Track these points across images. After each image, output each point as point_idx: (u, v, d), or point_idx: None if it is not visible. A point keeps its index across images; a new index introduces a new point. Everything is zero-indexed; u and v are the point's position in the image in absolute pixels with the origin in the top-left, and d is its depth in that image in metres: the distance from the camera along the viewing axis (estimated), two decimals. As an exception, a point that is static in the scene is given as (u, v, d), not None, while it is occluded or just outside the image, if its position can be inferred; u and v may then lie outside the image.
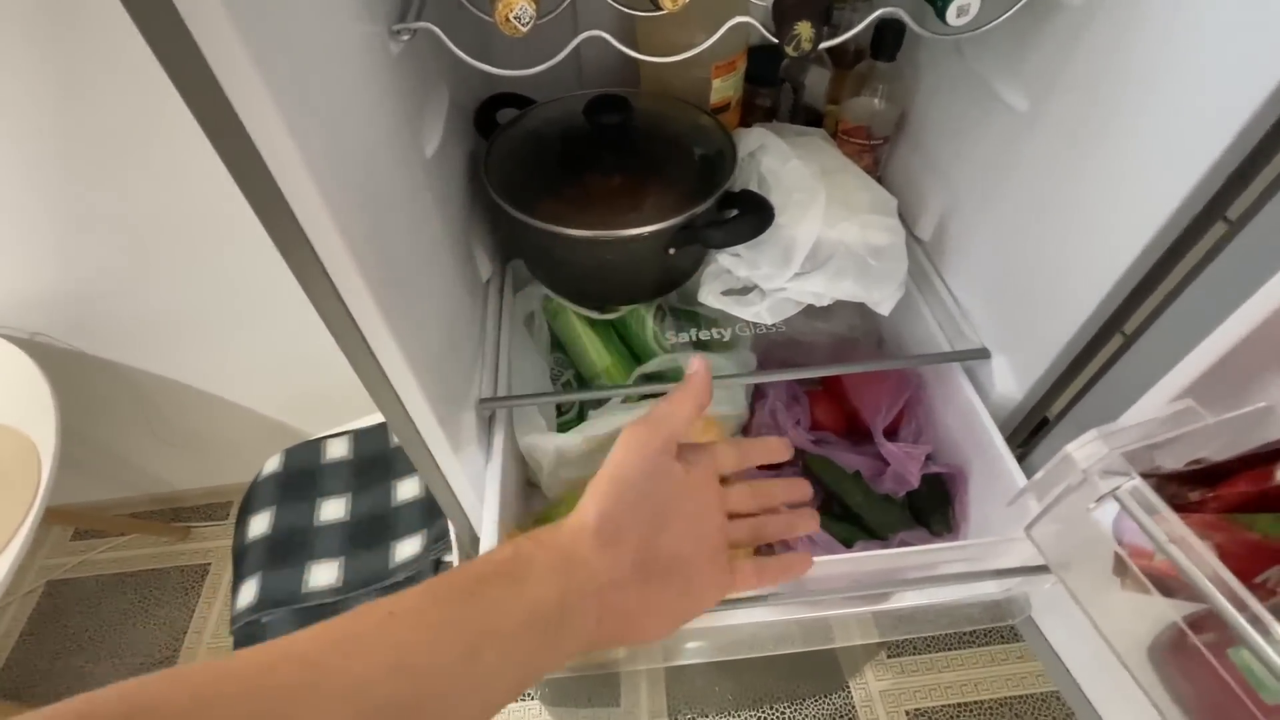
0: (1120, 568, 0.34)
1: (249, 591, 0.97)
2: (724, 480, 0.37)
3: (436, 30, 0.41)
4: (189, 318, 1.10)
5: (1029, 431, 0.56)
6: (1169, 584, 0.31)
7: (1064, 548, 0.38)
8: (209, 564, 1.44)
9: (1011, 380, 0.54)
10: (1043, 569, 0.44)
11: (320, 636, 0.23)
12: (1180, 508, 0.31)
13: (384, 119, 0.41)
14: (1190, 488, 0.33)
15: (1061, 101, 0.45)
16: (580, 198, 0.55)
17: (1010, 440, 0.54)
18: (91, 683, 1.19)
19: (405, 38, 0.41)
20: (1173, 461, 0.35)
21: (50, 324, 1.08)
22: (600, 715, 1.21)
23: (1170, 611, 0.31)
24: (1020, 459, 0.52)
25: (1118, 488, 0.31)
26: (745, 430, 0.62)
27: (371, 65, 0.39)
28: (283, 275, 0.36)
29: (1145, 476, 0.32)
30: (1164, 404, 0.36)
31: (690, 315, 0.67)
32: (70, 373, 1.06)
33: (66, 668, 1.28)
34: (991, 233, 0.55)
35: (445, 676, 0.24)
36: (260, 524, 1.05)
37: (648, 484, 0.32)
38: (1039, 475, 0.36)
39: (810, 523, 0.39)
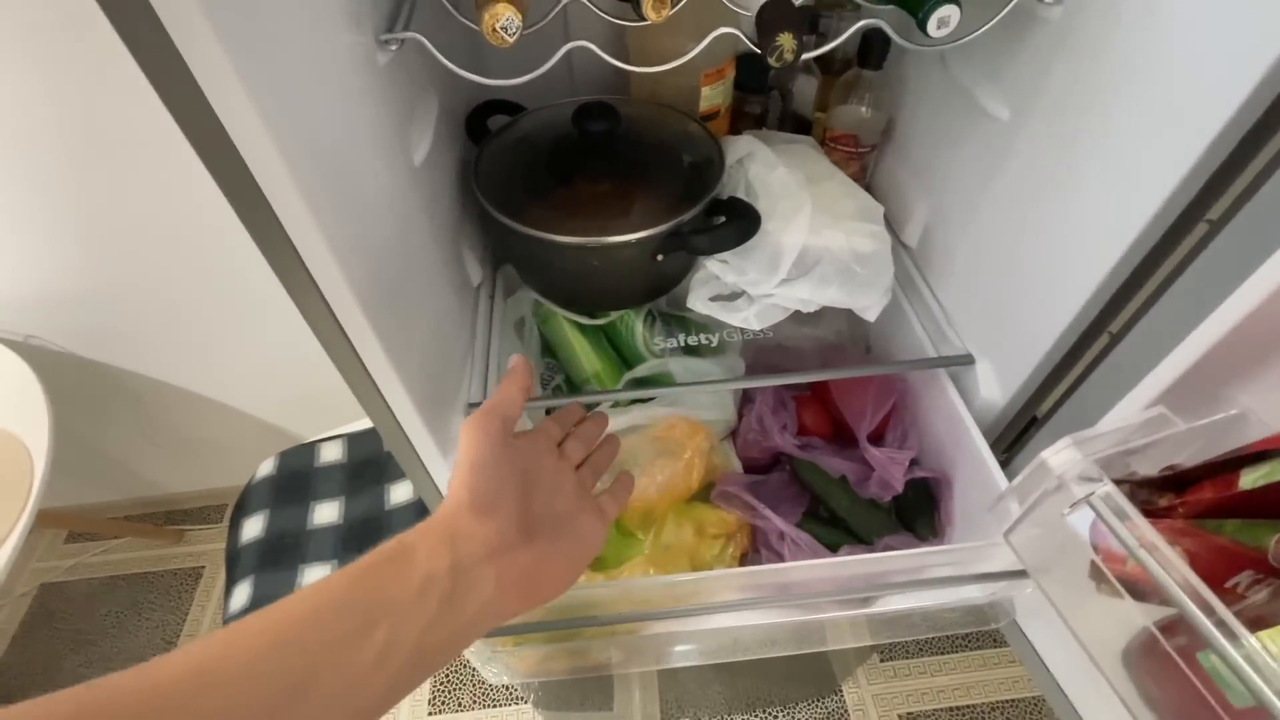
0: (1096, 573, 0.34)
1: (242, 594, 0.97)
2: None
3: (424, 40, 0.41)
4: (183, 321, 1.11)
5: (1015, 435, 0.56)
6: (1141, 589, 0.32)
7: (1042, 553, 0.39)
8: (203, 567, 1.43)
9: (995, 385, 0.55)
10: (1024, 574, 0.44)
11: (207, 641, 0.24)
12: (1151, 513, 0.31)
13: (371, 128, 0.42)
14: (1160, 494, 0.34)
15: (1042, 110, 0.45)
16: (569, 204, 0.56)
17: (994, 445, 0.54)
18: (83, 686, 1.18)
19: (393, 48, 0.42)
20: (1148, 467, 0.35)
21: (44, 326, 1.09)
22: (593, 719, 1.21)
23: (1142, 616, 0.31)
24: (1005, 463, 0.53)
25: (1091, 494, 0.31)
26: (733, 435, 0.63)
27: (358, 76, 0.40)
28: (271, 280, 0.37)
29: (1120, 482, 0.33)
30: (1138, 410, 0.37)
31: (679, 320, 0.67)
32: (64, 376, 1.06)
33: (60, 671, 1.28)
34: (976, 239, 0.55)
35: (339, 650, 0.25)
36: (254, 527, 1.05)
37: (502, 457, 0.34)
38: (1017, 480, 0.37)
39: (611, 445, 0.44)
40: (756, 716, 1.23)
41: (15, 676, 1.28)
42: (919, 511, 0.57)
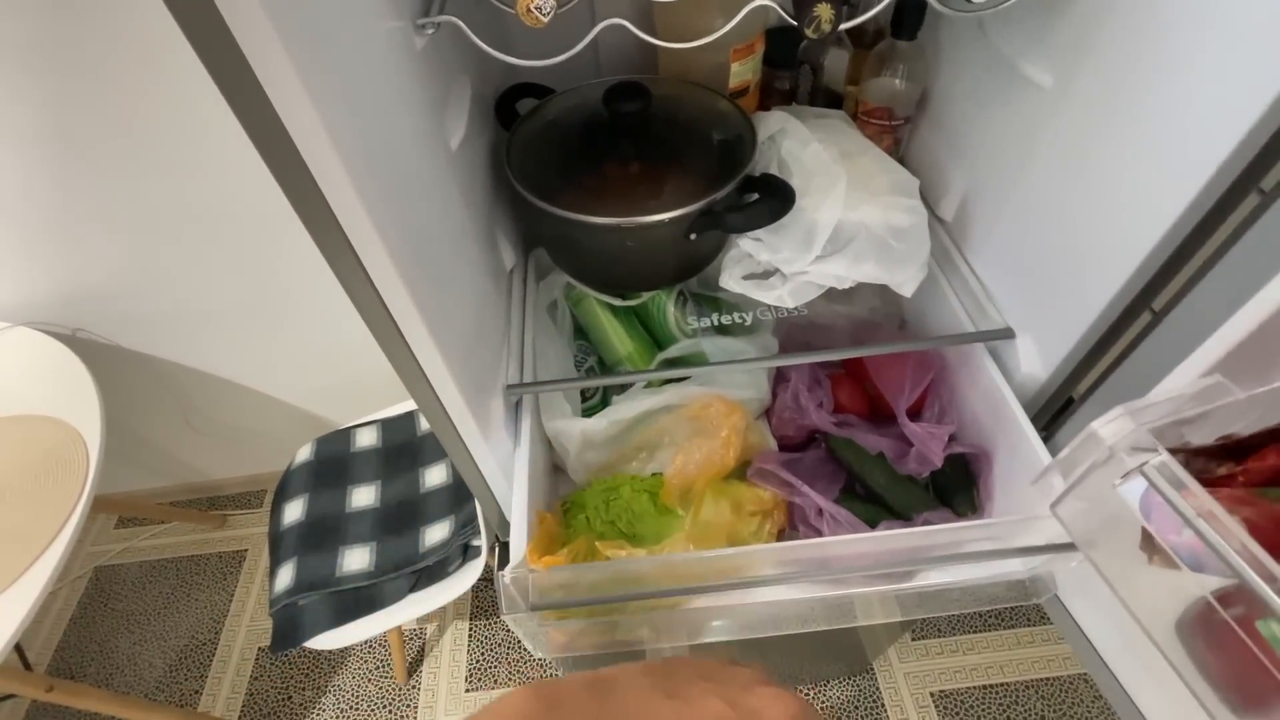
0: (1148, 544, 0.34)
1: (286, 575, 1.01)
2: None
3: (459, 23, 0.41)
4: (221, 313, 1.13)
5: (1055, 411, 0.55)
6: (1197, 558, 0.31)
7: (1090, 525, 0.38)
8: (245, 550, 1.48)
9: (1036, 359, 0.54)
10: (1069, 547, 0.44)
11: None
12: (1208, 482, 0.31)
13: (411, 113, 0.42)
14: (1218, 462, 0.33)
15: (1088, 76, 0.44)
16: (601, 185, 0.56)
17: (1035, 420, 0.54)
18: (140, 663, 1.24)
19: (429, 31, 0.42)
20: (1202, 437, 0.35)
21: (91, 320, 1.12)
22: (626, 696, 1.24)
23: (1198, 586, 0.31)
24: (1046, 439, 0.52)
25: (1144, 463, 0.31)
26: (768, 413, 0.63)
27: (398, 60, 0.40)
28: (311, 271, 0.38)
29: (1173, 452, 0.32)
30: (1193, 379, 0.36)
31: (711, 300, 0.67)
32: (110, 367, 1.10)
33: (116, 649, 1.34)
34: (1016, 211, 0.54)
35: None
36: (294, 510, 1.08)
37: None
38: (1064, 452, 0.36)
39: None
40: (787, 694, 1.24)
41: (74, 655, 1.34)
42: (958, 487, 0.57)
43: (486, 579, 1.35)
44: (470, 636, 1.34)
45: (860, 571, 0.45)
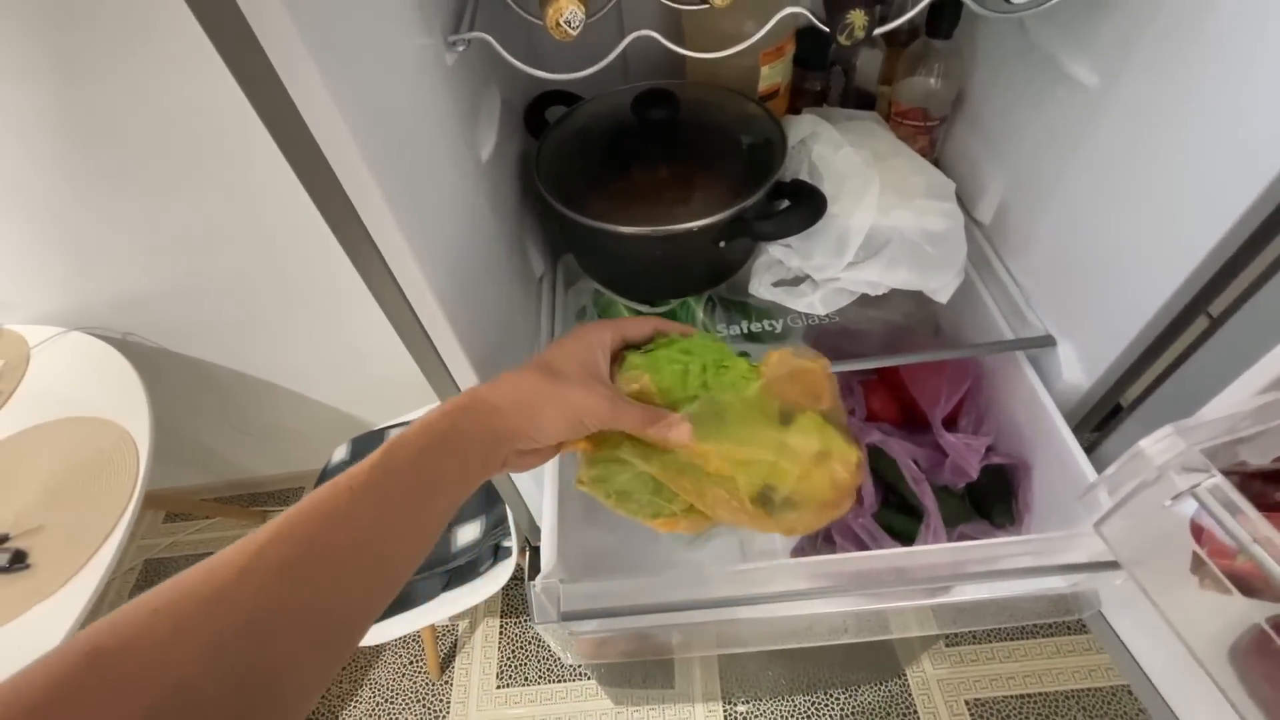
0: (1198, 566, 0.32)
1: (324, 573, 1.03)
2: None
3: (490, 39, 0.42)
4: (262, 318, 1.17)
5: (1099, 420, 0.54)
6: (1252, 584, 0.30)
7: (1137, 544, 0.37)
8: (285, 546, 1.53)
9: (1079, 368, 0.52)
10: (1113, 565, 0.43)
11: (301, 518, 0.28)
12: (1266, 506, 0.29)
13: (442, 127, 0.43)
14: (1277, 486, 0.31)
15: (1137, 74, 0.42)
16: (630, 193, 0.56)
17: (1077, 430, 0.52)
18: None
19: (460, 48, 0.42)
20: (1259, 458, 0.33)
21: (140, 324, 1.17)
22: (654, 696, 1.24)
23: (1253, 613, 0.30)
24: (1089, 449, 0.51)
25: (1197, 485, 0.30)
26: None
27: (429, 76, 0.41)
28: (347, 278, 0.38)
29: (1228, 474, 0.31)
30: (1251, 395, 0.34)
31: (740, 306, 0.67)
32: (158, 370, 1.14)
33: (164, 639, 1.40)
34: (1058, 214, 0.53)
35: (406, 525, 0.31)
36: (331, 510, 1.11)
37: (579, 432, 0.38)
38: (1110, 470, 0.35)
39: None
40: (817, 699, 1.23)
41: (127, 643, 1.40)
42: (995, 499, 0.55)
43: (517, 579, 1.37)
44: (501, 634, 1.36)
45: (897, 586, 0.44)
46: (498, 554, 1.04)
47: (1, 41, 0.78)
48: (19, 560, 0.83)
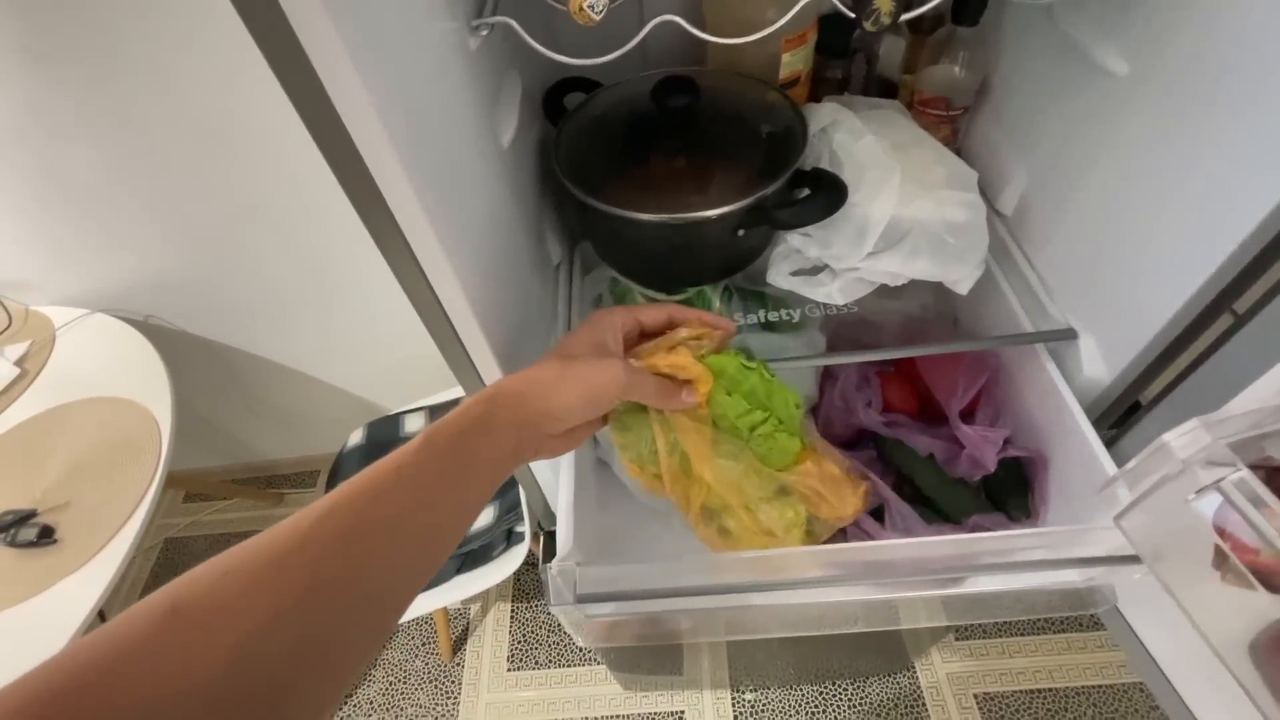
0: (1220, 561, 0.32)
1: (340, 554, 1.05)
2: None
3: (513, 23, 0.42)
4: (280, 303, 1.18)
5: (1118, 416, 0.53)
6: (1276, 580, 0.30)
7: (1157, 538, 0.37)
8: (301, 528, 1.56)
9: (1100, 362, 0.52)
10: (1131, 559, 0.42)
11: (352, 493, 0.31)
12: (1292, 502, 0.29)
13: (464, 111, 0.43)
14: (1304, 481, 0.31)
15: (1169, 63, 0.41)
16: (648, 180, 0.56)
17: (1097, 425, 0.51)
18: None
19: (484, 32, 0.42)
20: (1285, 452, 0.33)
21: (161, 307, 1.19)
22: (663, 682, 1.25)
23: (1276, 609, 0.30)
24: (1109, 444, 0.50)
25: (1221, 479, 0.30)
26: (814, 413, 0.62)
27: (452, 60, 0.41)
28: (362, 263, 0.39)
29: (1254, 468, 0.30)
30: (1276, 393, 0.34)
31: (757, 295, 0.67)
32: (177, 352, 1.16)
33: (184, 616, 1.43)
34: (1082, 206, 0.52)
35: (447, 502, 0.34)
36: (347, 493, 1.12)
37: (601, 408, 0.42)
38: (1131, 464, 0.35)
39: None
40: (825, 688, 1.24)
41: (148, 619, 1.44)
42: (1011, 492, 0.55)
43: (528, 564, 1.38)
44: (512, 618, 1.37)
45: (912, 576, 0.44)
46: (510, 539, 1.05)
47: (30, 25, 0.79)
48: (46, 535, 0.85)
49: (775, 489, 0.48)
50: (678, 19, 0.41)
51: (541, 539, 0.65)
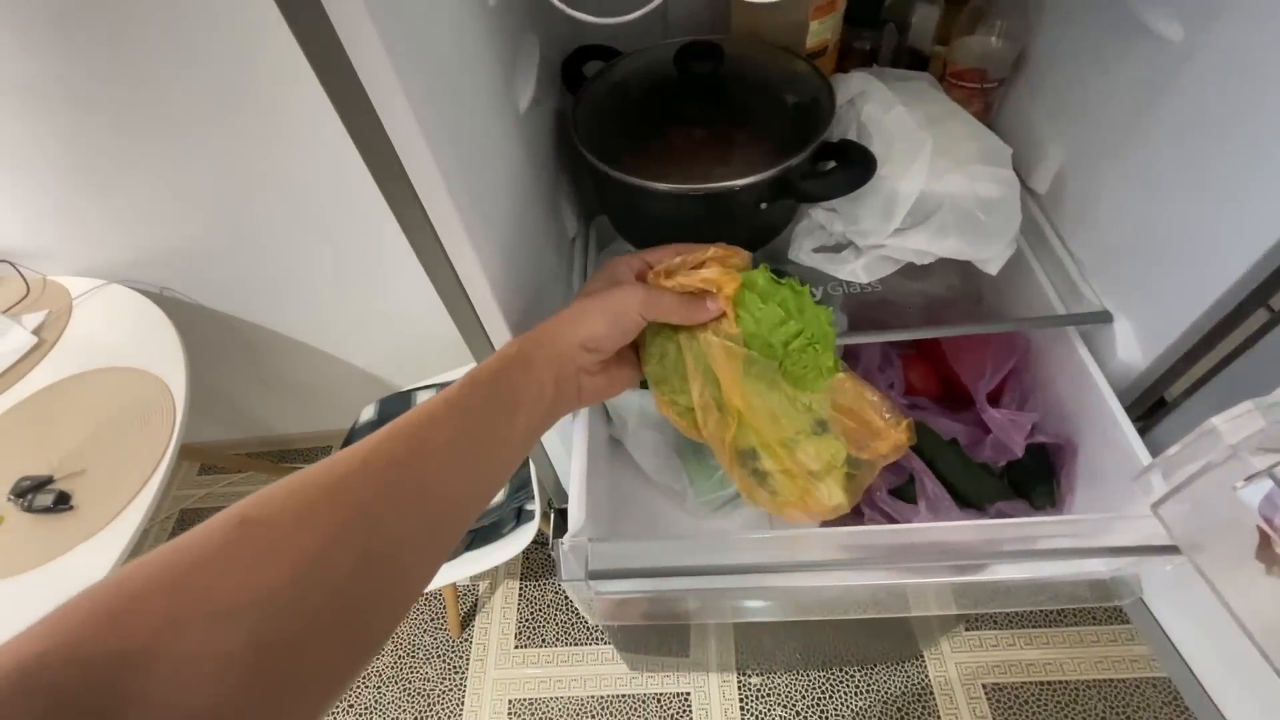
0: (1267, 552, 0.31)
1: (351, 528, 1.05)
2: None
3: (533, -22, 0.40)
4: (294, 278, 1.18)
5: (1151, 403, 0.51)
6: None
7: (1196, 527, 0.35)
8: (313, 502, 1.57)
9: (1136, 347, 0.50)
10: (1163, 549, 0.41)
11: (408, 422, 0.32)
12: (1351, 491, 0.27)
13: (482, 73, 0.41)
14: (1364, 469, 0.29)
15: (1228, 27, 0.39)
16: (669, 150, 0.54)
17: (1129, 411, 0.50)
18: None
19: (502, -12, 0.41)
20: (1341, 439, 0.31)
21: (176, 279, 1.19)
22: (669, 663, 1.26)
23: (1328, 603, 0.28)
24: (1142, 432, 0.48)
25: (1276, 465, 0.28)
26: (833, 393, 0.60)
27: (471, 17, 0.39)
28: (376, 240, 0.38)
29: (1306, 455, 0.29)
30: (1334, 375, 0.32)
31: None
32: (192, 324, 1.16)
33: (198, 586, 1.45)
34: (1124, 183, 0.50)
35: (495, 433, 0.36)
36: (359, 467, 1.13)
37: (626, 332, 0.42)
38: (1173, 450, 0.33)
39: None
40: (832, 674, 1.23)
41: (164, 588, 1.46)
42: (1037, 478, 0.53)
43: (539, 542, 1.39)
44: (520, 596, 1.38)
45: (934, 562, 0.43)
46: (520, 517, 1.05)
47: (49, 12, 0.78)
48: (63, 501, 0.86)
49: (813, 423, 0.44)
50: (705, -24, 0.39)
51: (552, 517, 0.65)
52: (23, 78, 0.86)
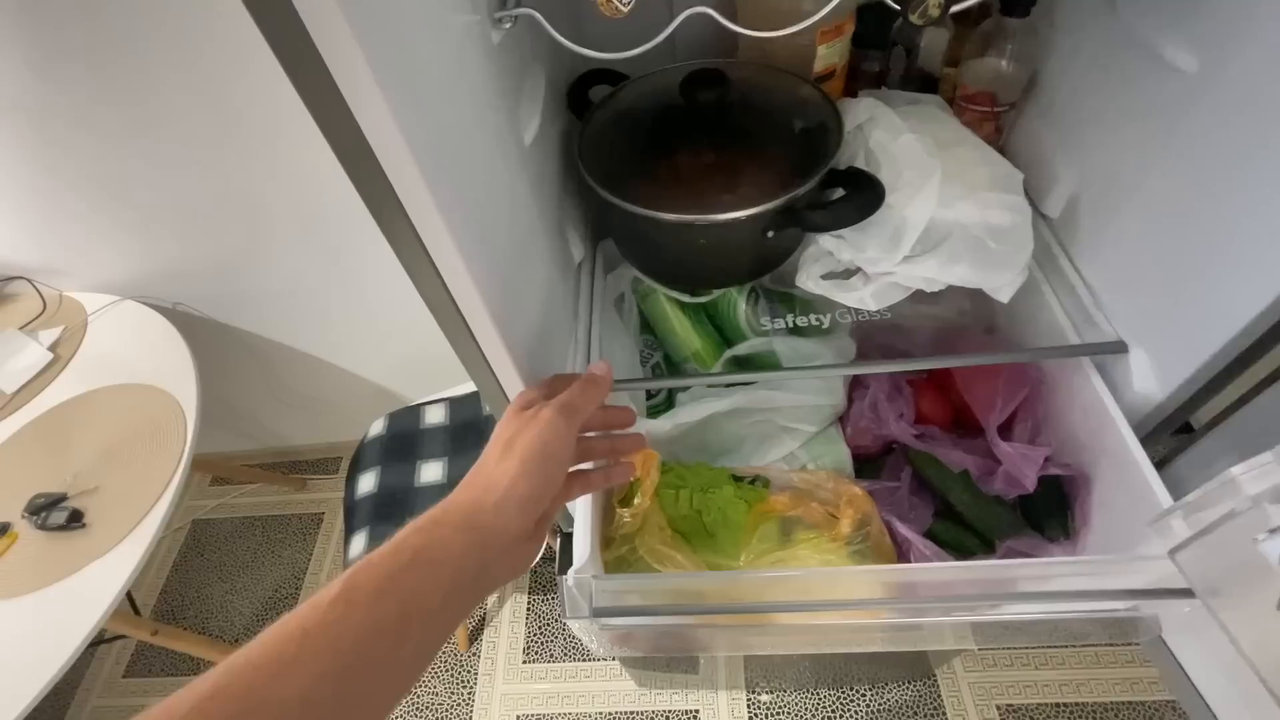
0: (1289, 606, 0.30)
1: (359, 543, 1.06)
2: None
3: (537, 16, 0.40)
4: (305, 293, 1.19)
5: (1168, 436, 0.50)
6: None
7: (1214, 573, 0.34)
8: (323, 513, 1.58)
9: (1152, 378, 0.49)
10: (1184, 593, 0.40)
11: (245, 667, 0.24)
12: (1377, 550, 0.26)
13: (486, 109, 0.41)
14: (1392, 526, 0.28)
15: (1243, 60, 0.38)
16: (674, 178, 0.54)
17: (1145, 444, 0.48)
18: (231, 611, 1.33)
19: (507, 25, 0.41)
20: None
21: (188, 295, 1.20)
22: (678, 681, 1.25)
23: (1354, 663, 0.27)
24: (1159, 466, 0.47)
25: (1298, 521, 0.27)
26: (843, 421, 0.60)
27: (473, 55, 0.39)
28: (385, 255, 0.38)
29: (1330, 509, 0.28)
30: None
31: (785, 298, 0.64)
32: (204, 339, 1.17)
33: (210, 597, 1.46)
34: (1139, 211, 0.49)
35: (374, 672, 0.26)
36: (367, 482, 1.13)
37: (559, 462, 0.36)
38: (1192, 496, 0.32)
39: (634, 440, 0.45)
40: (843, 693, 1.22)
41: (176, 598, 1.47)
42: (1049, 512, 0.52)
43: (546, 558, 1.38)
44: (528, 610, 1.38)
45: (945, 603, 0.42)
46: (528, 535, 1.05)
47: (60, 16, 0.80)
48: (76, 519, 0.87)
49: (778, 538, 0.52)
50: (710, 10, 0.39)
51: (559, 538, 0.64)
52: (36, 99, 0.88)
